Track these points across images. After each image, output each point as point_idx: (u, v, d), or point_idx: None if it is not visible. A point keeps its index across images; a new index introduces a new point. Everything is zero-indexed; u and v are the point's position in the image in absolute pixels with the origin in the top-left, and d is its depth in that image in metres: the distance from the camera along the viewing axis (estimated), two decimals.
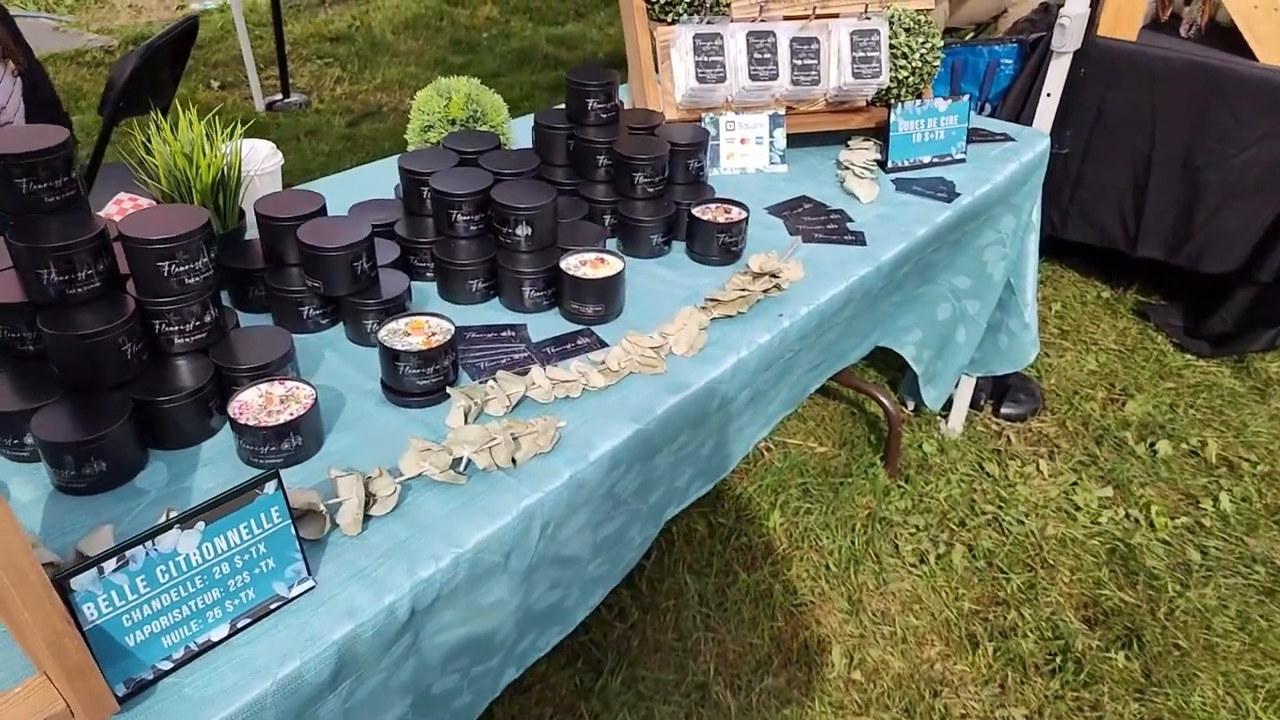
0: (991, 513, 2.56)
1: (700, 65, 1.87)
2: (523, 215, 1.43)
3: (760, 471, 2.66)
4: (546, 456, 1.14)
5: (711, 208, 1.68)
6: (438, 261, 1.47)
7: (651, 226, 1.63)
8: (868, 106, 2.08)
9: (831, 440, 2.82)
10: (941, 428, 2.88)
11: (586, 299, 1.42)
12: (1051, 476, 2.71)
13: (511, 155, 1.61)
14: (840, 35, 1.93)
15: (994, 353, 2.60)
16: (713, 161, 2.00)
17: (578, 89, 1.72)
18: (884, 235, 1.75)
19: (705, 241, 1.63)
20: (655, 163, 1.65)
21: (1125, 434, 2.88)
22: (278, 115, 5.11)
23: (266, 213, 1.36)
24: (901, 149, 2.00)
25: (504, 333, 1.41)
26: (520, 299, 1.46)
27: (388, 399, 1.24)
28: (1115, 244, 3.38)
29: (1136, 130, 3.16)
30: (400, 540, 1.01)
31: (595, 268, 1.44)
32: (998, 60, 3.56)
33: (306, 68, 5.96)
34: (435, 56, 6.39)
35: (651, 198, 1.68)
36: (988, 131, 2.24)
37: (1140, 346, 3.34)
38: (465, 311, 1.47)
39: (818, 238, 1.74)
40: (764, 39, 1.89)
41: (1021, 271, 2.41)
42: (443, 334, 1.24)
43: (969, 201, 1.92)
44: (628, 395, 1.28)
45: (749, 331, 1.44)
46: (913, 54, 1.98)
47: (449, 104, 1.79)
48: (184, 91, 5.29)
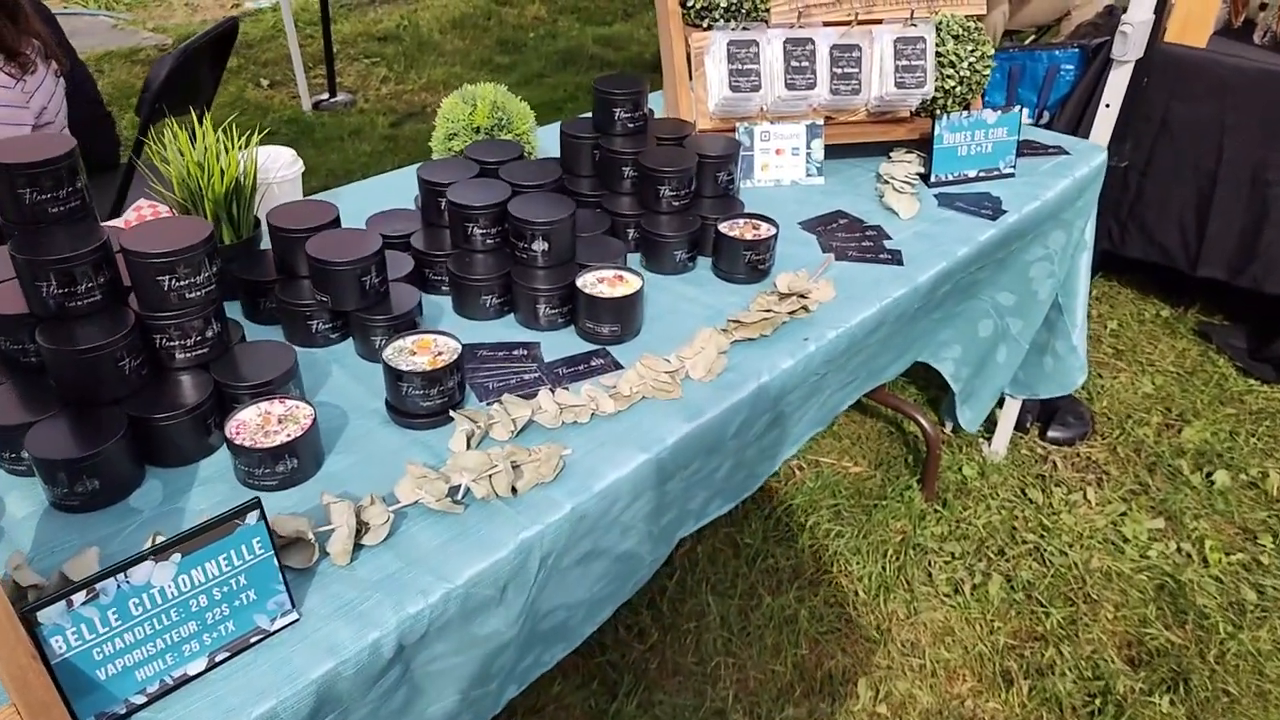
0: (1033, 542, 2.45)
1: (734, 74, 1.81)
2: (539, 230, 1.38)
3: (791, 490, 2.59)
4: (548, 486, 1.09)
5: (740, 223, 1.61)
6: (452, 276, 1.43)
7: (675, 242, 1.58)
8: (912, 117, 2.00)
9: (867, 460, 2.73)
10: (984, 450, 2.77)
11: (602, 318, 1.37)
12: (1099, 505, 2.59)
13: (532, 166, 1.57)
14: (883, 42, 1.85)
15: (1038, 374, 2.49)
16: (746, 173, 1.94)
17: (604, 98, 1.67)
18: (922, 254, 1.67)
19: (731, 259, 1.57)
20: (681, 175, 1.59)
21: (1180, 462, 2.74)
22: (323, 115, 5.15)
23: (279, 223, 1.33)
24: (945, 162, 1.92)
25: (516, 351, 1.36)
26: (535, 316, 1.41)
27: (391, 419, 1.20)
28: (1174, 263, 3.23)
29: (1202, 143, 3.01)
30: (390, 572, 0.97)
31: (613, 286, 1.39)
32: (1058, 66, 3.43)
33: (353, 67, 6.01)
34: (481, 56, 6.39)
35: (677, 211, 1.62)
36: (1040, 144, 2.14)
37: (1200, 369, 3.19)
38: (479, 328, 1.43)
39: (852, 256, 1.67)
40: (802, 46, 1.82)
41: (1071, 290, 2.30)
42: (449, 354, 1.20)
43: (1015, 220, 1.83)
44: (639, 421, 1.22)
45: (772, 355, 1.38)
46: (960, 63, 1.89)
47: (474, 111, 1.75)
48: (233, 90, 5.37)
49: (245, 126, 5.41)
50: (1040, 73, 3.50)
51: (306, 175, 1.75)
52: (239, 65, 5.78)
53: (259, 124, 5.03)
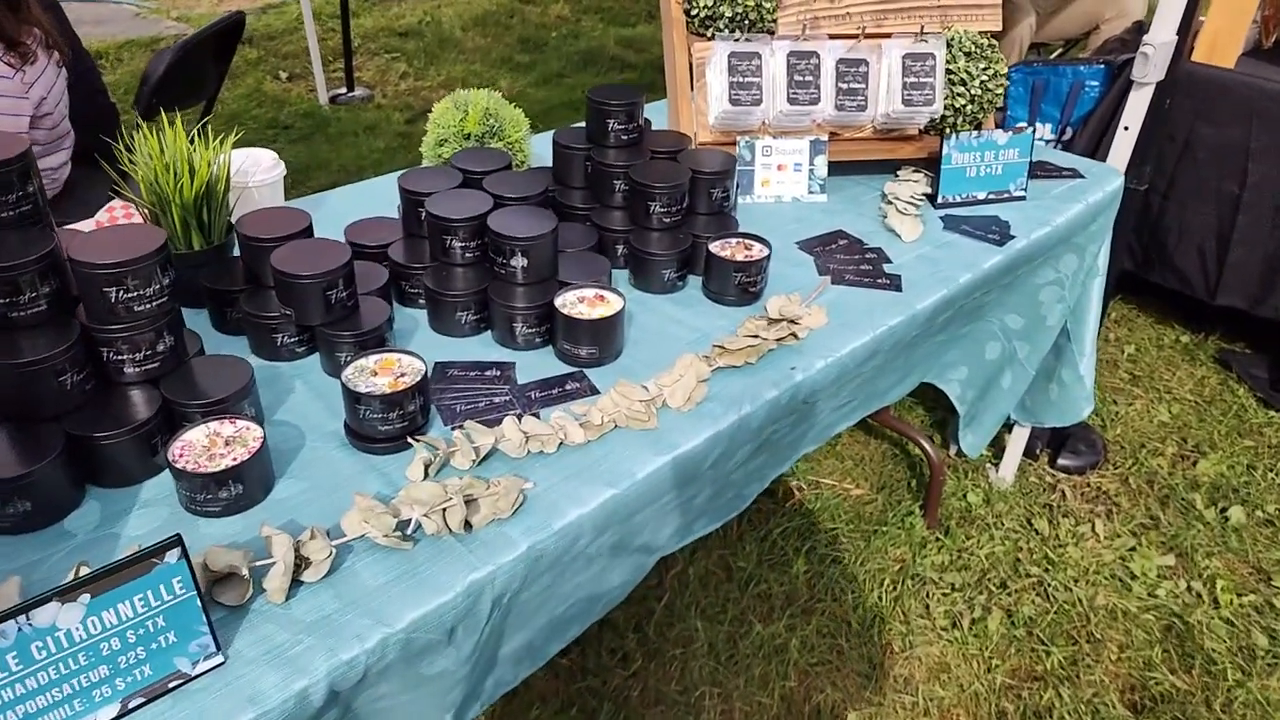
0: (1036, 576, 2.37)
1: (735, 86, 1.74)
2: (518, 246, 1.33)
3: (789, 513, 2.52)
4: (505, 523, 1.04)
5: (732, 243, 1.55)
6: (427, 290, 1.37)
7: (664, 261, 1.52)
8: (920, 135, 1.93)
9: (869, 482, 2.66)
10: (991, 476, 2.69)
11: (580, 340, 1.31)
12: (1107, 539, 2.50)
13: (518, 178, 1.51)
14: (891, 58, 1.78)
15: (1043, 402, 2.41)
16: (746, 188, 1.87)
17: (598, 108, 1.61)
18: (922, 280, 1.60)
19: (721, 280, 1.51)
20: (672, 191, 1.53)
21: (1194, 496, 2.65)
22: (339, 109, 5.13)
23: (247, 231, 1.28)
24: (953, 183, 1.84)
25: (489, 372, 1.31)
26: (511, 335, 1.36)
27: (349, 442, 1.15)
28: (1192, 291, 3.13)
29: (1226, 167, 2.91)
30: (327, 613, 0.92)
31: (592, 306, 1.33)
32: (1082, 82, 3.34)
33: (373, 62, 5.98)
34: (502, 55, 6.36)
35: (668, 228, 1.56)
36: (1054, 166, 2.06)
37: (1219, 398, 3.09)
38: (454, 344, 1.38)
39: (849, 279, 1.60)
40: (806, 60, 1.76)
41: (1081, 318, 2.22)
42: (413, 375, 1.15)
43: (1023, 245, 1.75)
44: (609, 452, 1.16)
45: (756, 385, 1.31)
46: (972, 81, 1.82)
47: (465, 118, 1.70)
48: (251, 82, 5.36)
49: (260, 119, 5.42)
50: (1064, 88, 3.41)
51: (316, 170, 1.72)
52: (259, 57, 5.78)
53: (274, 117, 5.04)
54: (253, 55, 5.76)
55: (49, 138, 2.40)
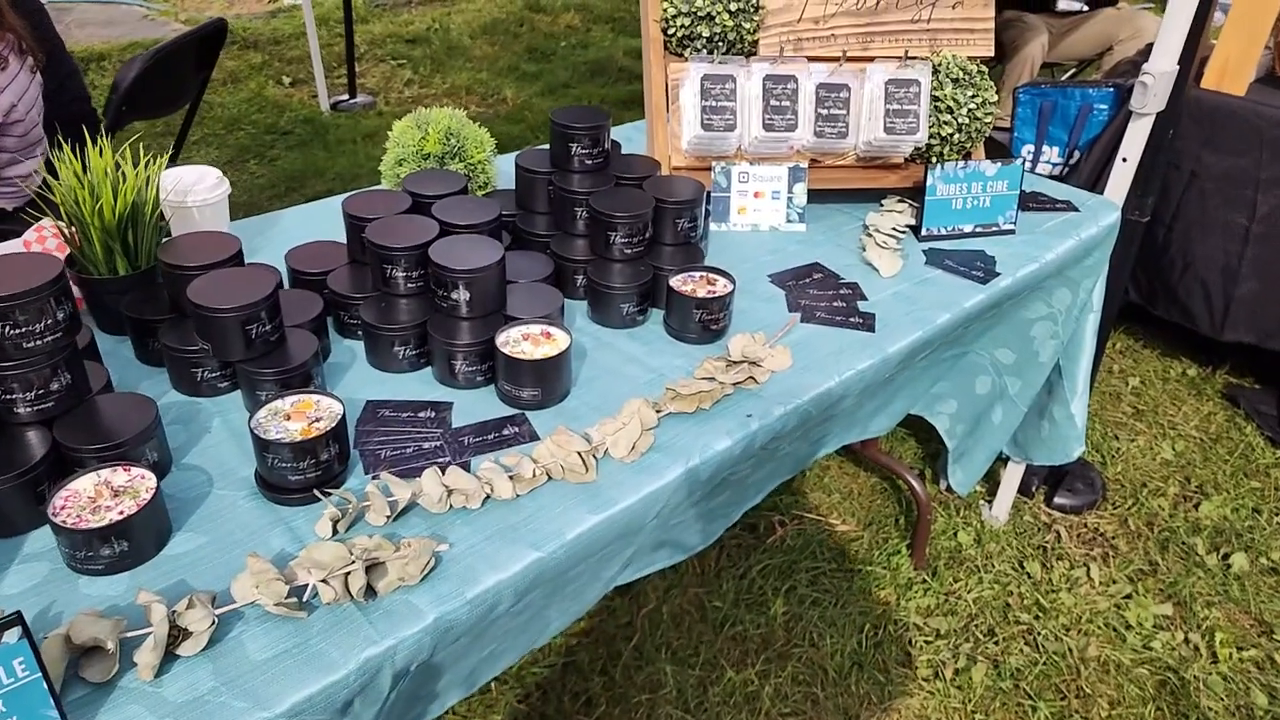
0: (1026, 623, 2.27)
1: (707, 110, 1.66)
2: (459, 278, 1.25)
3: (770, 549, 2.42)
4: (413, 590, 0.95)
5: (695, 277, 1.47)
6: (362, 322, 1.30)
7: (623, 294, 1.43)
8: (905, 164, 1.84)
9: (856, 518, 2.56)
10: (984, 514, 2.59)
11: (522, 381, 1.23)
12: (1102, 585, 2.40)
13: (471, 203, 1.43)
14: (874, 84, 1.70)
15: (1034, 438, 2.32)
16: (721, 216, 1.79)
17: (561, 131, 1.54)
18: (897, 320, 1.51)
19: (681, 317, 1.42)
20: (634, 221, 1.45)
21: (1195, 540, 2.54)
22: (340, 116, 5.08)
23: (169, 258, 1.21)
24: (937, 215, 1.75)
25: (423, 413, 1.23)
26: (452, 373, 1.28)
27: (260, 492, 1.07)
28: (1197, 326, 3.01)
29: (1235, 198, 2.80)
30: (200, 693, 0.84)
31: (536, 344, 1.25)
32: (1091, 105, 3.25)
33: (379, 68, 5.95)
34: (509, 63, 6.31)
35: (629, 260, 1.48)
36: (1047, 198, 1.96)
37: (1225, 436, 2.97)
38: (391, 381, 1.30)
39: (820, 317, 1.51)
40: (784, 84, 1.67)
41: (1073, 355, 2.13)
42: (329, 420, 1.07)
43: (1009, 284, 1.66)
44: (540, 509, 1.08)
45: (707, 433, 1.23)
46: (959, 109, 1.73)
47: (425, 137, 1.62)
48: (253, 87, 5.33)
49: (259, 124, 5.37)
50: (1073, 111, 3.32)
51: (311, 178, 1.65)
52: (263, 61, 5.75)
53: (274, 122, 5.00)
54: (257, 60, 5.73)
55: (19, 145, 2.35)
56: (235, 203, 4.17)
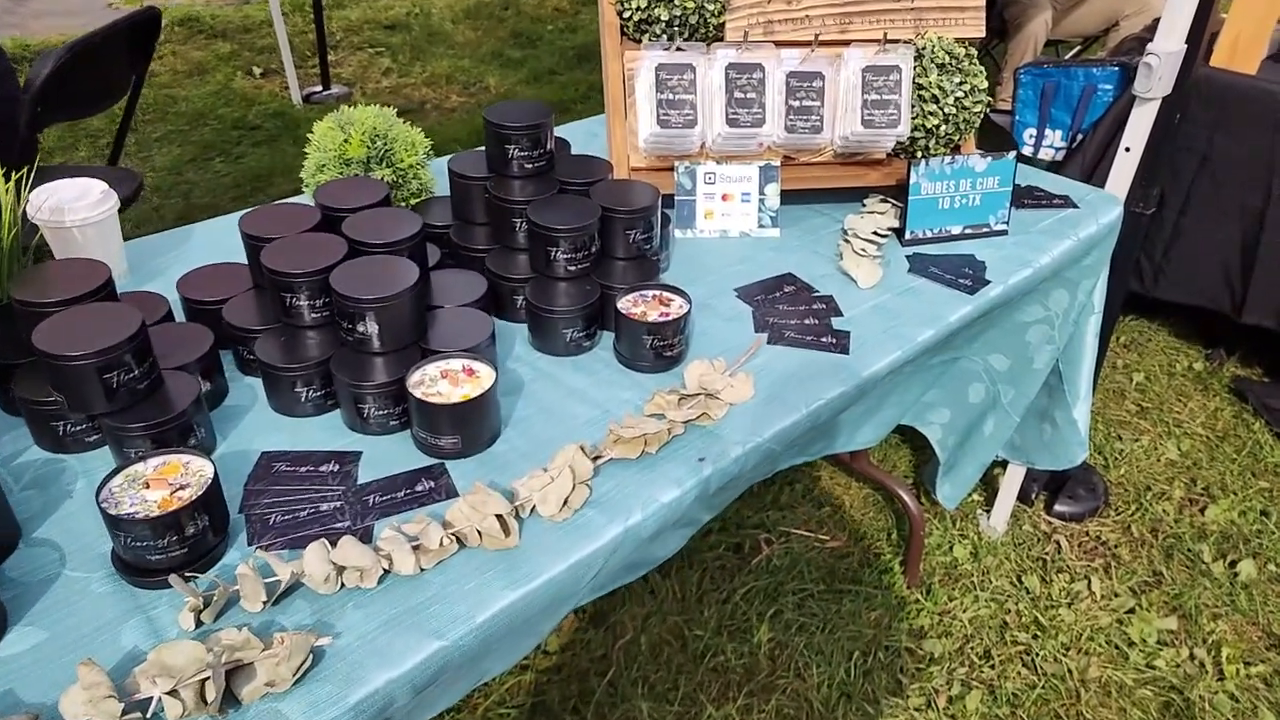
0: (1024, 644, 2.12)
1: (663, 105, 1.49)
2: (367, 308, 1.09)
3: (756, 570, 2.27)
4: (284, 697, 0.80)
5: (647, 296, 1.30)
6: (258, 360, 1.14)
7: (566, 318, 1.27)
8: (888, 159, 1.67)
9: (846, 532, 2.41)
10: (981, 524, 2.44)
11: (439, 428, 1.08)
12: (1104, 599, 2.25)
13: (390, 217, 1.27)
14: (850, 71, 1.53)
15: (1035, 441, 2.17)
16: (687, 221, 1.62)
17: (495, 131, 1.37)
18: (874, 338, 1.35)
19: (632, 343, 1.26)
20: (577, 235, 1.29)
21: (1201, 547, 2.39)
22: (313, 109, 4.89)
23: (22, 293, 1.05)
24: (922, 216, 1.59)
25: (325, 466, 1.07)
26: (361, 417, 1.12)
27: (117, 574, 0.91)
28: (1219, 307, 2.86)
29: (1249, 180, 2.63)
30: None
31: (456, 384, 1.09)
32: (1095, 85, 3.08)
33: (355, 57, 5.75)
34: (492, 49, 6.10)
35: (573, 278, 1.32)
36: (1044, 193, 1.80)
37: (1232, 434, 2.81)
38: (295, 427, 1.14)
39: (789, 337, 1.35)
40: (749, 73, 1.50)
41: (1074, 359, 1.97)
42: (197, 485, 0.92)
43: (999, 292, 1.50)
44: (448, 585, 0.93)
45: (652, 483, 1.07)
46: (945, 98, 1.56)
47: (347, 141, 1.46)
48: (219, 79, 5.14)
49: (225, 119, 5.10)
50: (1076, 92, 3.16)
51: (278, 176, 1.50)
52: (232, 51, 5.55)
53: (242, 116, 4.82)
54: (225, 49, 5.54)
55: None
56: (197, 204, 4.04)
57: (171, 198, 3.92)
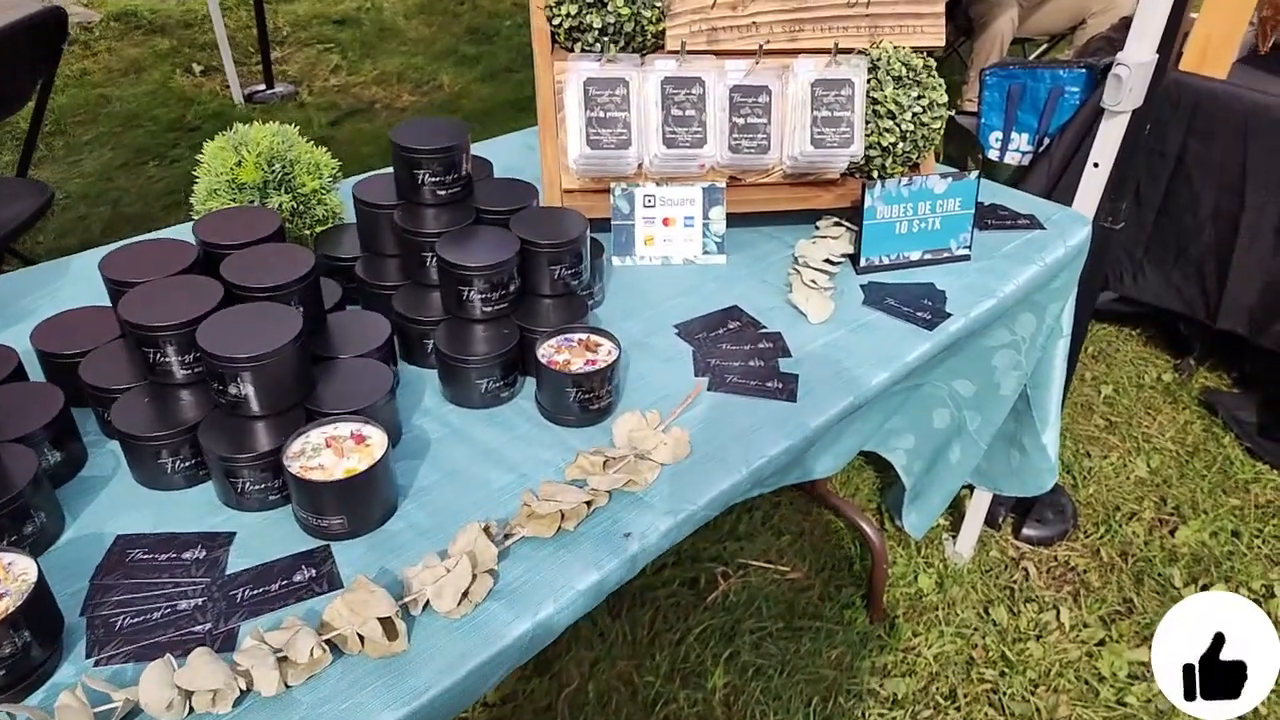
0: (991, 681, 2.02)
1: (593, 123, 1.36)
2: (239, 368, 0.94)
3: (712, 608, 2.15)
4: None
5: (572, 342, 1.17)
6: (115, 427, 0.99)
7: (480, 367, 1.14)
8: (842, 179, 1.55)
9: (807, 563, 2.29)
10: (947, 550, 2.34)
11: (323, 508, 0.93)
12: (1073, 630, 2.15)
13: (279, 255, 1.12)
14: (798, 85, 1.40)
15: (1002, 467, 2.07)
16: (625, 248, 1.49)
17: (403, 155, 1.23)
18: (824, 382, 1.23)
19: (553, 396, 1.13)
20: (491, 273, 1.15)
21: (1172, 571, 2.31)
22: (255, 109, 4.69)
23: None
24: (878, 242, 1.47)
25: (189, 552, 0.93)
26: (236, 492, 0.98)
27: None
28: (1193, 312, 2.78)
29: (1223, 185, 2.55)
30: None
31: (342, 453, 0.95)
32: (1062, 87, 2.99)
33: (302, 53, 5.54)
34: (446, 45, 5.91)
35: (490, 319, 1.18)
36: (1009, 213, 1.68)
37: (1202, 448, 2.74)
38: (162, 503, 1.00)
39: (731, 382, 1.23)
40: (686, 88, 1.37)
41: (1042, 383, 1.87)
42: (16, 595, 0.77)
43: (960, 326, 1.38)
44: (320, 704, 0.79)
45: (568, 568, 0.94)
46: (902, 113, 1.44)
47: (240, 163, 1.31)
48: (157, 77, 4.91)
49: (161, 120, 4.82)
50: (1042, 94, 3.06)
51: None
52: (171, 47, 5.31)
53: (179, 117, 4.60)
54: (164, 46, 5.30)
55: None
56: (125, 213, 3.83)
57: (99, 205, 3.71)
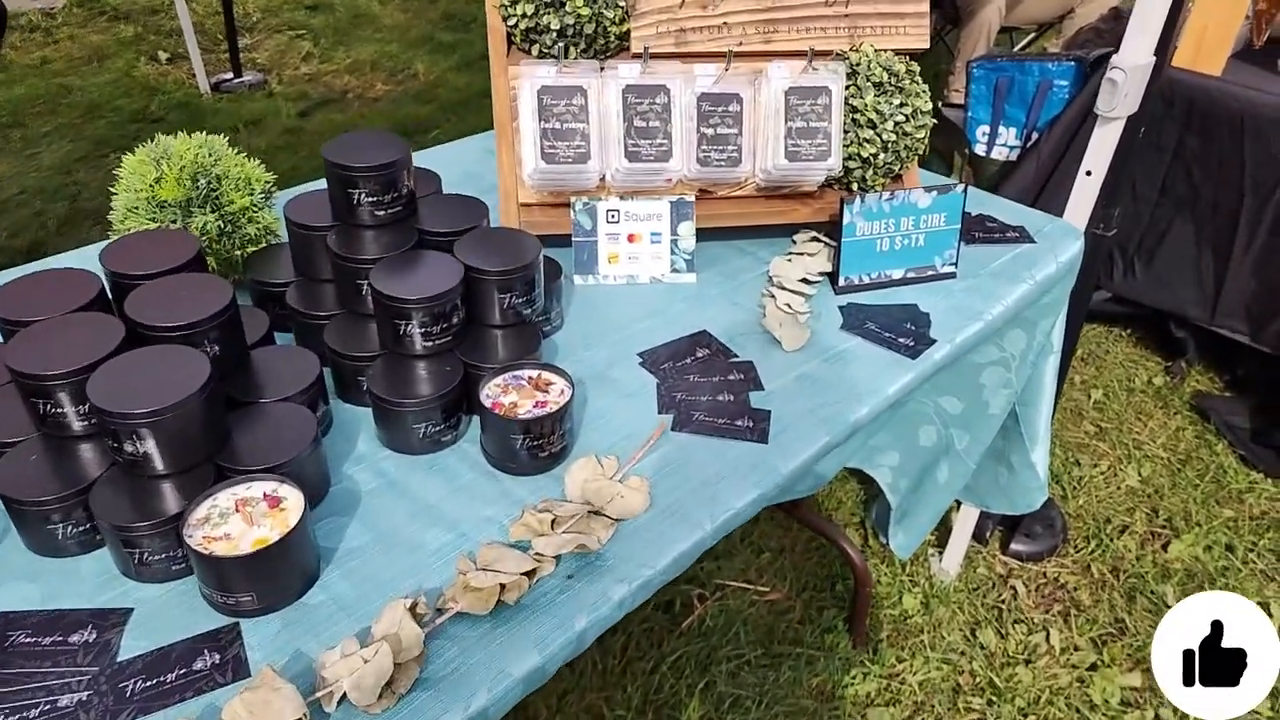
0: (978, 710, 1.93)
1: (549, 135, 1.25)
2: (136, 424, 0.83)
3: (687, 634, 2.05)
4: None
5: (521, 380, 1.06)
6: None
7: (417, 412, 1.03)
8: (820, 191, 1.45)
9: (788, 582, 2.20)
10: (933, 566, 2.25)
11: (229, 584, 0.83)
12: (1064, 652, 2.07)
13: (195, 287, 1.01)
14: (772, 92, 1.29)
15: (991, 485, 1.99)
16: (587, 267, 1.38)
17: (337, 172, 1.11)
18: (799, 420, 1.13)
19: (499, 442, 1.02)
20: (432, 305, 1.04)
21: (1165, 589, 2.23)
22: (222, 98, 4.54)
23: None
24: (858, 261, 1.37)
25: (77, 635, 0.82)
26: (134, 562, 0.87)
27: None
28: (1187, 312, 2.70)
29: (1221, 182, 2.47)
30: None
31: (251, 521, 0.85)
32: (1051, 81, 2.90)
33: (273, 40, 5.37)
34: (422, 33, 5.76)
35: (431, 355, 1.08)
36: (997, 224, 1.58)
37: (1195, 456, 2.66)
38: (54, 573, 0.89)
39: (698, 420, 1.12)
40: (650, 97, 1.26)
41: (1032, 400, 1.78)
42: None
43: (946, 352, 1.28)
44: None
45: (507, 648, 0.84)
46: (883, 122, 1.34)
47: (160, 179, 1.19)
48: (120, 66, 4.75)
49: (124, 111, 4.63)
50: (1030, 88, 2.97)
51: None
52: (136, 34, 5.14)
53: (143, 107, 4.45)
54: (128, 33, 5.13)
55: None
56: (84, 209, 3.68)
57: (57, 201, 3.56)
